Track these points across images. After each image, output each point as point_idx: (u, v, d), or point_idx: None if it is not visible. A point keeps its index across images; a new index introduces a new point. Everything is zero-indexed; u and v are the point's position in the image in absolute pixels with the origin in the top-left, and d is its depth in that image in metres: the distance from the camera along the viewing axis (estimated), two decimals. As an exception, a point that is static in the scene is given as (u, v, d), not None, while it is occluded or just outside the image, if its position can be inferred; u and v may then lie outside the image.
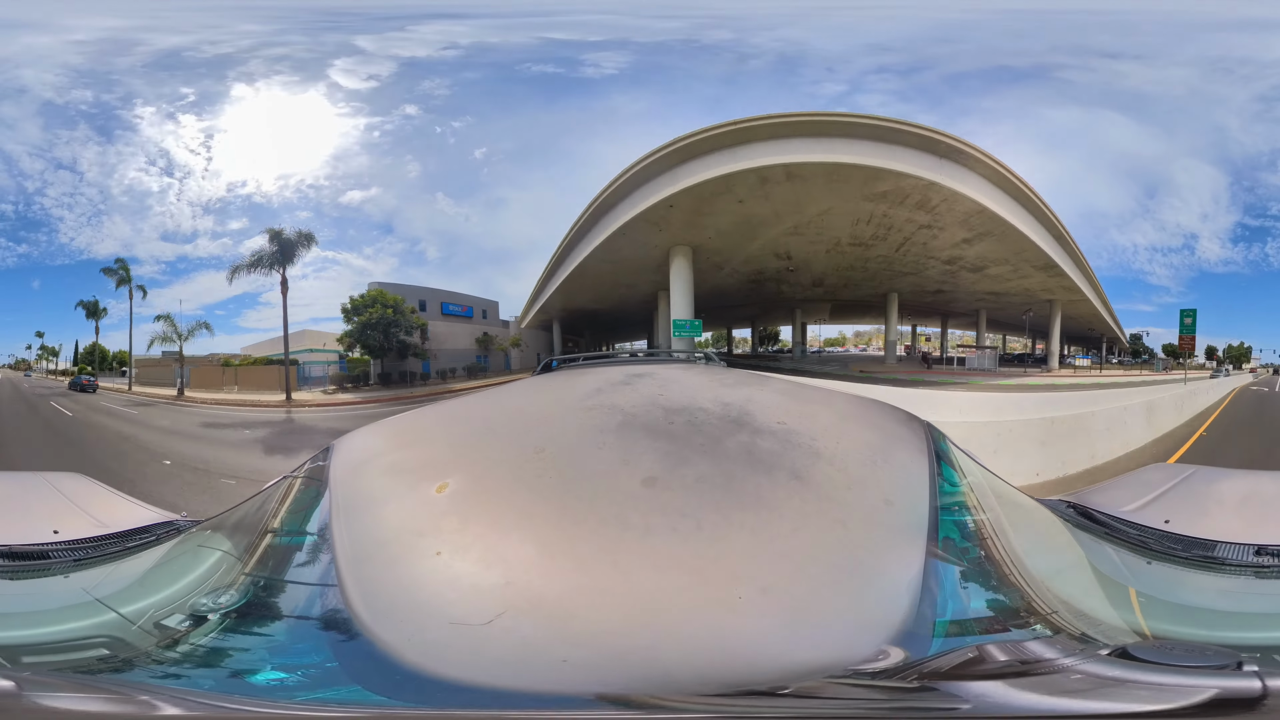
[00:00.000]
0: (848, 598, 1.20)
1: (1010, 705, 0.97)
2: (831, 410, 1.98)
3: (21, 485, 2.73)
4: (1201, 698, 0.93)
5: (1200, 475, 2.53)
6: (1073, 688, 1.00)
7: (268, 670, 1.16)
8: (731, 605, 1.12)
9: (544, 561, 1.22)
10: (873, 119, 22.80)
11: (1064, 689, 1.00)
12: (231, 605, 1.36)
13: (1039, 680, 1.02)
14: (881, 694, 1.01)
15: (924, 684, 1.01)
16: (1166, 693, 0.96)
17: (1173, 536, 1.86)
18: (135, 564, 1.77)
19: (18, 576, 1.73)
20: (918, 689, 1.01)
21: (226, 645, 1.27)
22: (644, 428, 1.71)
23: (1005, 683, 1.00)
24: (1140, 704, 0.95)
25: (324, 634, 1.21)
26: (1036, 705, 0.97)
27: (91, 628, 1.39)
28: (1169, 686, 0.97)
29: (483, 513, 1.38)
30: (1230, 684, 0.96)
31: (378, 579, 1.25)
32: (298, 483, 1.88)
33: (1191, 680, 0.97)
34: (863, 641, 1.10)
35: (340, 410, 23.95)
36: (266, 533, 1.67)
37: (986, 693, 0.98)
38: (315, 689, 1.11)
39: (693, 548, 1.22)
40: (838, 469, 1.54)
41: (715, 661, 1.05)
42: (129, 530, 2.01)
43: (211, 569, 1.60)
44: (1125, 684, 0.99)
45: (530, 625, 1.09)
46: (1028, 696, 0.98)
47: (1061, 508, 2.09)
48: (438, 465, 1.64)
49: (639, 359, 4.98)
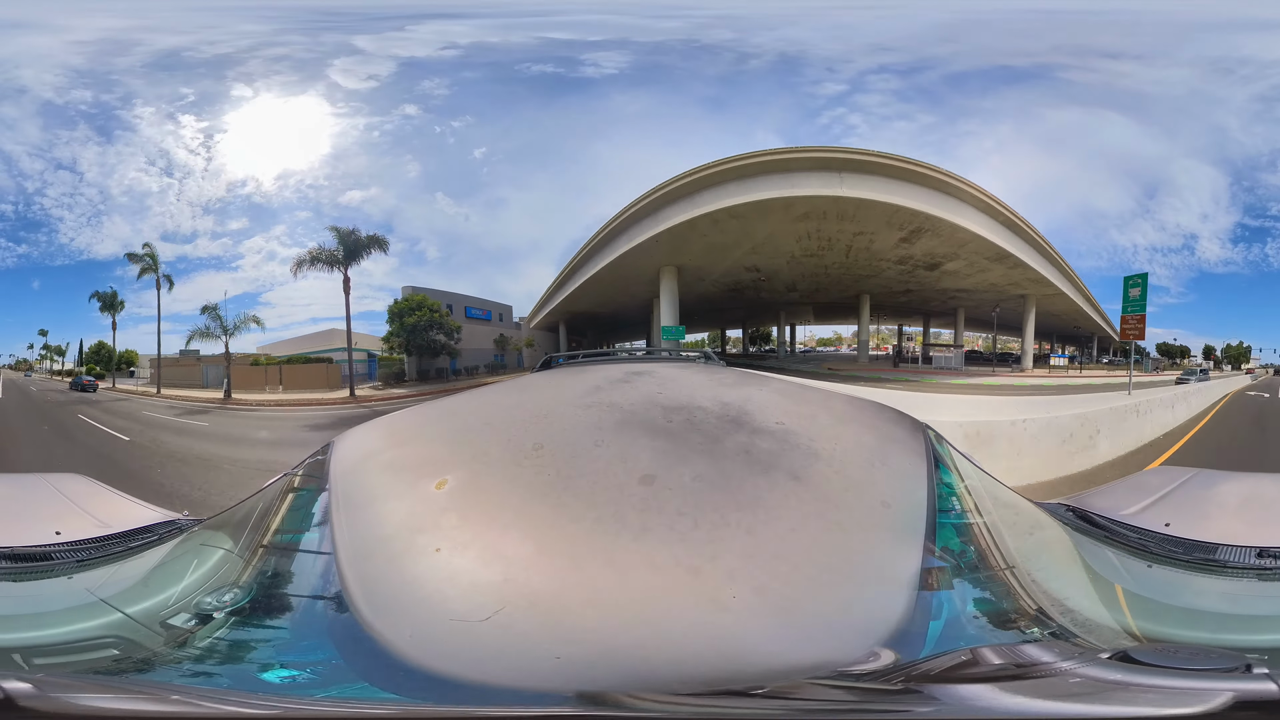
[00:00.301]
0: (842, 599, 1.21)
1: (1003, 708, 0.96)
2: (830, 412, 1.99)
3: (22, 487, 2.74)
4: (1220, 702, 0.92)
5: (1200, 478, 2.53)
6: (1073, 691, 1.00)
7: (278, 668, 1.17)
8: (725, 605, 1.12)
9: (541, 559, 1.23)
10: (773, 153, 26.69)
11: (1063, 692, 1.00)
12: (236, 603, 1.36)
13: (1036, 684, 1.02)
14: (864, 695, 1.02)
15: (910, 686, 1.02)
16: (1177, 696, 0.96)
17: (1173, 540, 1.85)
18: (139, 564, 1.77)
19: (21, 578, 1.73)
20: (902, 691, 1.01)
21: (234, 643, 1.27)
22: (642, 426, 1.71)
23: (998, 685, 1.00)
24: (1150, 708, 0.95)
25: (329, 631, 1.22)
26: (1031, 708, 0.97)
27: (100, 628, 1.39)
28: (1178, 690, 0.97)
29: (481, 509, 1.39)
30: (1247, 687, 0.95)
31: (379, 575, 1.26)
32: (297, 480, 1.89)
33: (1201, 684, 0.97)
34: (855, 643, 1.11)
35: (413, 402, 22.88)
36: (268, 530, 1.68)
37: (978, 695, 0.99)
38: (324, 686, 1.13)
39: (689, 547, 1.23)
40: (836, 470, 1.54)
41: (703, 660, 1.05)
42: (131, 530, 2.00)
43: (215, 568, 1.61)
44: (1130, 687, 0.99)
45: (526, 622, 1.10)
46: (1022, 700, 0.98)
47: (1060, 511, 2.09)
48: (437, 462, 1.65)
49: (638, 357, 4.96)
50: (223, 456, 13.90)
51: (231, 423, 22.03)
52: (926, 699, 0.99)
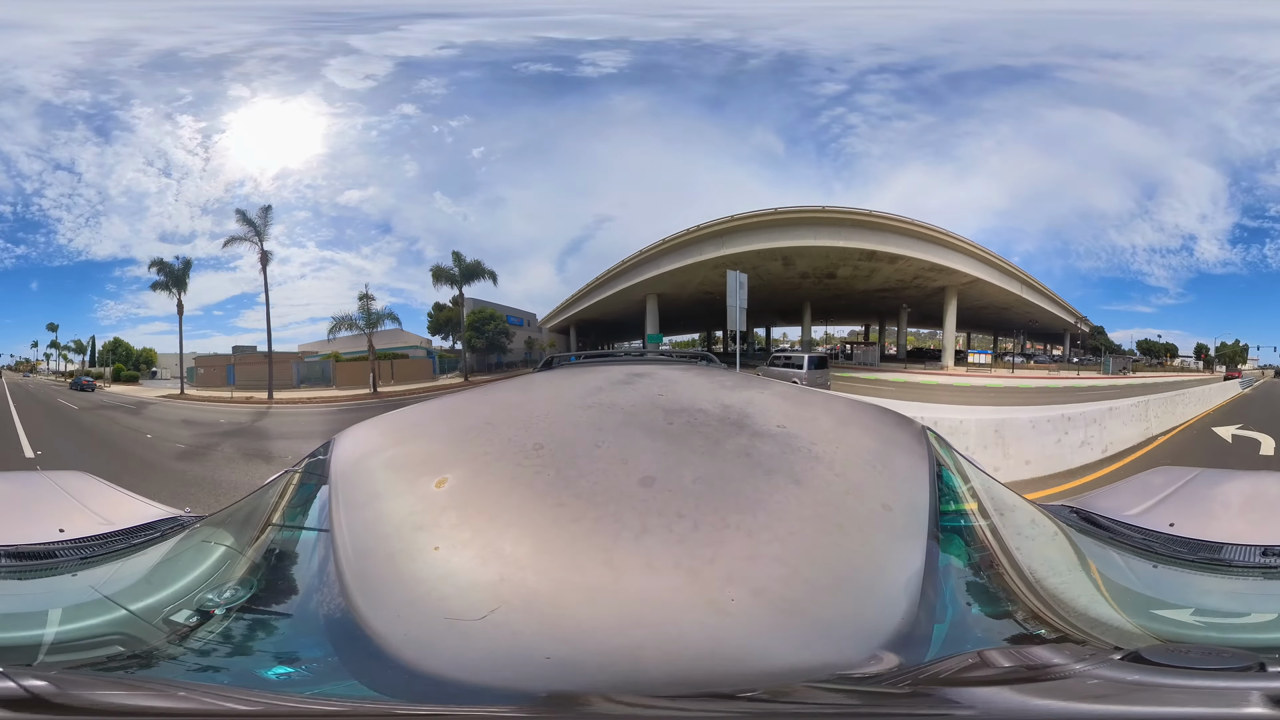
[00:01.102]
0: (843, 602, 1.20)
1: (1025, 710, 0.96)
2: (831, 414, 1.98)
3: (25, 485, 2.73)
4: (1252, 702, 0.91)
5: (1204, 478, 2.51)
6: (1094, 692, 0.99)
7: (276, 665, 1.17)
8: (723, 607, 1.11)
9: (539, 559, 1.23)
10: (710, 225, 31.15)
11: (1083, 693, 0.98)
12: (236, 600, 1.37)
13: (1053, 685, 1.01)
14: (868, 699, 1.01)
15: (918, 690, 1.01)
16: (1204, 696, 0.94)
17: (1178, 540, 1.84)
18: (141, 561, 1.77)
19: (26, 576, 1.73)
20: (909, 694, 1.01)
21: (234, 640, 1.28)
22: (643, 427, 1.71)
23: (1013, 689, 0.99)
24: (1180, 708, 0.94)
25: (326, 629, 1.23)
26: (1053, 710, 0.96)
27: (104, 625, 1.39)
28: (1202, 690, 0.96)
29: (480, 508, 1.39)
30: (1272, 685, 0.94)
31: (377, 573, 1.26)
32: (298, 477, 1.89)
33: (1220, 683, 0.96)
34: (856, 646, 1.10)
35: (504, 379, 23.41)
36: (269, 528, 1.68)
37: (995, 698, 0.98)
38: (319, 684, 1.13)
39: (688, 549, 1.22)
40: (836, 473, 1.53)
41: (698, 663, 1.05)
42: (134, 527, 2.00)
43: (216, 564, 1.61)
44: (1152, 688, 0.98)
45: (521, 622, 1.10)
46: (1043, 702, 0.97)
47: (1064, 513, 2.08)
48: (437, 460, 1.65)
49: (638, 359, 4.95)
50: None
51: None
52: (938, 702, 0.99)
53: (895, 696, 1.01)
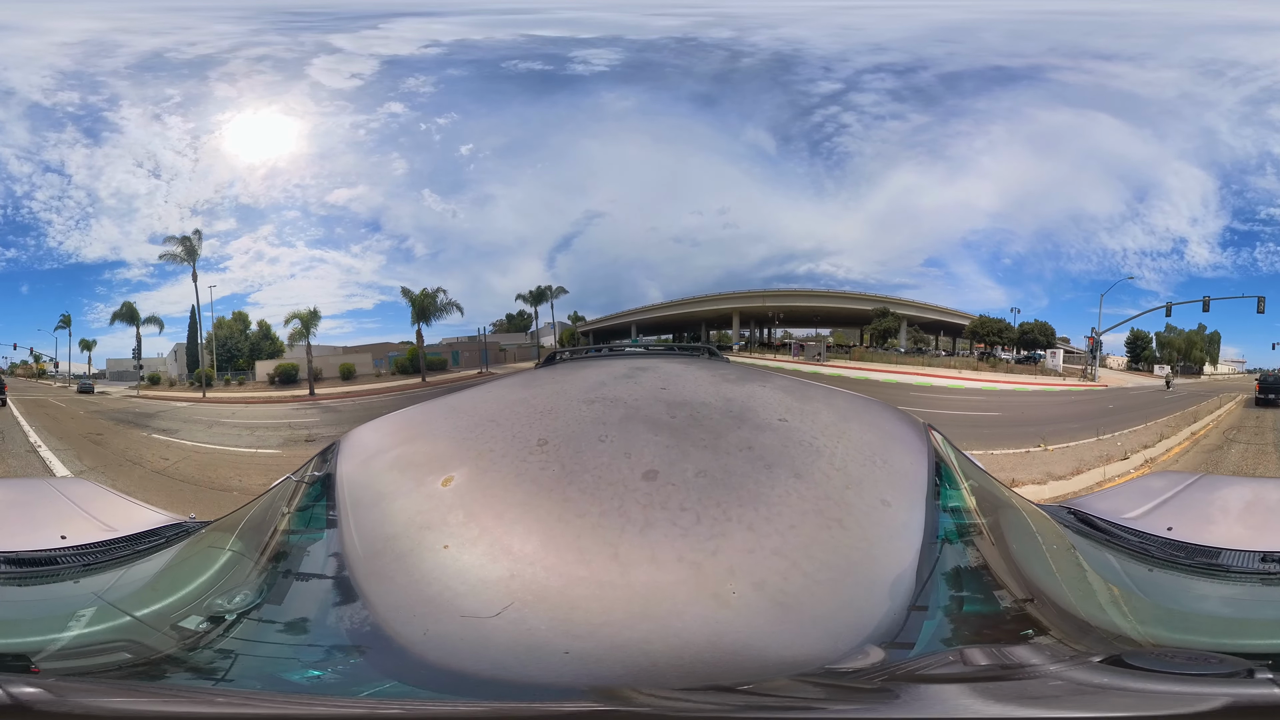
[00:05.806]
0: (839, 597, 1.22)
1: (972, 710, 0.97)
2: (833, 409, 1.98)
3: (27, 491, 2.72)
4: (1212, 705, 0.92)
5: (1203, 483, 2.52)
6: (1050, 693, 1.00)
7: (301, 668, 1.17)
8: (725, 600, 1.13)
9: (547, 554, 1.24)
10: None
11: (1039, 694, 1.00)
12: (248, 605, 1.37)
13: (1014, 685, 1.02)
14: (836, 693, 1.03)
15: (887, 685, 1.02)
16: (1163, 700, 0.96)
17: (1175, 544, 1.85)
18: (146, 567, 1.77)
19: (27, 583, 1.72)
20: (877, 690, 1.02)
21: (250, 644, 1.28)
22: (646, 421, 1.71)
23: (973, 686, 1.01)
24: (1129, 711, 0.95)
25: (345, 630, 1.23)
26: (999, 712, 0.97)
27: (109, 632, 1.39)
28: (1167, 694, 0.97)
29: (487, 505, 1.40)
30: (1245, 691, 0.95)
31: (390, 574, 1.27)
32: (305, 479, 1.88)
33: (1196, 688, 0.97)
34: (848, 640, 1.12)
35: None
36: (277, 531, 1.68)
37: (949, 696, 0.99)
38: (351, 685, 1.14)
39: (691, 542, 1.24)
40: (837, 468, 1.54)
41: (704, 655, 1.07)
42: (138, 534, 2.00)
43: (224, 569, 1.60)
44: (1114, 691, 0.99)
45: (535, 618, 1.11)
46: (991, 704, 0.98)
47: (1062, 514, 2.08)
48: (443, 459, 1.65)
49: (640, 353, 4.94)
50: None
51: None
52: (898, 699, 1.00)
53: (860, 691, 1.02)
